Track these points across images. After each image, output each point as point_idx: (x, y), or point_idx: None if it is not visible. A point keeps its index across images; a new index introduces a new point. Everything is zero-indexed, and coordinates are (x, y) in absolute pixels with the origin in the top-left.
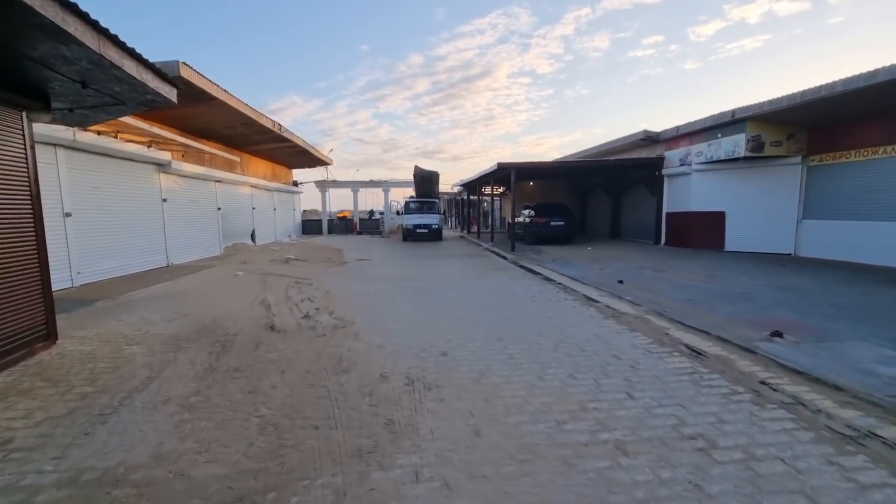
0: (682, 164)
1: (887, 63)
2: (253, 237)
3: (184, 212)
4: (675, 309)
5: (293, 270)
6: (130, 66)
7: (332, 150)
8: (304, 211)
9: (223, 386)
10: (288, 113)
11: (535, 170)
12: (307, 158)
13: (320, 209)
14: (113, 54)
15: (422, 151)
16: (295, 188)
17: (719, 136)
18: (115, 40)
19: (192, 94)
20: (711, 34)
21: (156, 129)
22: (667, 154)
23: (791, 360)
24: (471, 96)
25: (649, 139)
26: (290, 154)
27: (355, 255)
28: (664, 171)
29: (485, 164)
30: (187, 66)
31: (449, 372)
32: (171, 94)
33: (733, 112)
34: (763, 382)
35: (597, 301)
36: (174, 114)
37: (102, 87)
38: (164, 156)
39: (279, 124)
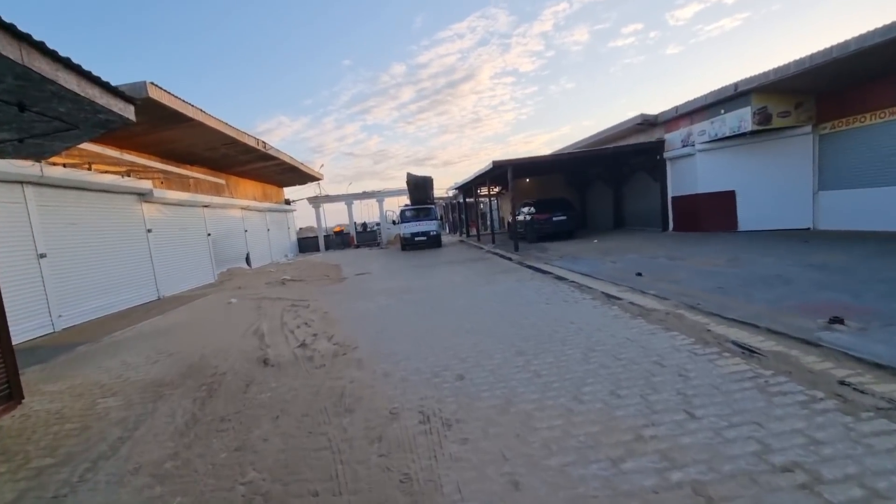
0: (684, 146)
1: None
2: (248, 260)
3: (171, 241)
4: (708, 300)
5: (289, 292)
6: (69, 80)
7: (322, 166)
8: (301, 229)
9: (206, 443)
10: (276, 133)
11: (531, 165)
12: (297, 175)
13: (316, 226)
14: (43, 66)
15: (413, 159)
16: (288, 207)
17: (722, 112)
18: (42, 48)
19: (166, 116)
20: (690, 17)
21: (132, 157)
22: (667, 136)
23: (866, 352)
24: (456, 101)
25: (647, 123)
26: (278, 172)
27: (354, 269)
28: (666, 155)
29: (476, 167)
30: (156, 86)
31: (469, 401)
32: (126, 111)
33: (736, 85)
34: (843, 383)
35: (618, 298)
36: (150, 139)
37: (45, 109)
38: (145, 184)
39: (263, 142)
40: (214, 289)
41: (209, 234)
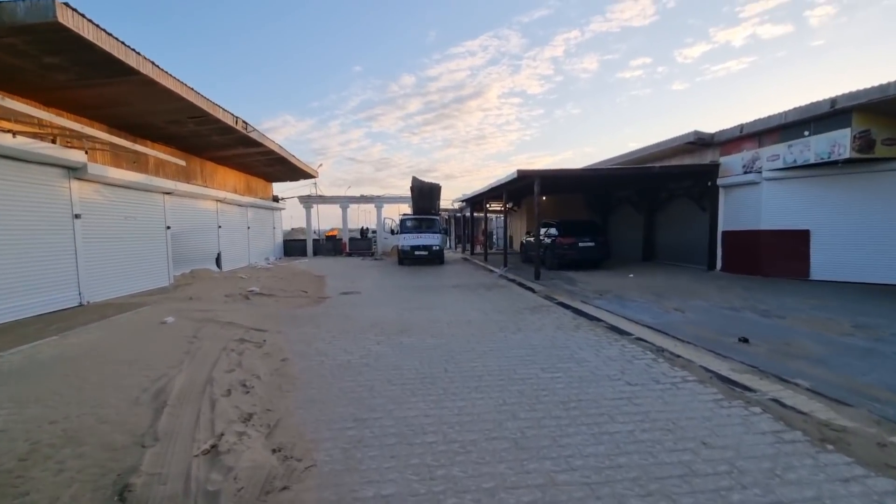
0: (746, 172)
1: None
2: (218, 262)
3: (110, 232)
4: None
5: (248, 314)
6: None
7: (321, 165)
8: (292, 229)
9: None
10: (281, 131)
11: (561, 179)
12: (287, 169)
13: (306, 228)
14: None
15: (414, 170)
16: (275, 204)
17: (806, 133)
18: None
19: (99, 63)
20: (697, 56)
21: (61, 121)
22: (723, 160)
23: None
24: (462, 116)
25: (700, 142)
26: (266, 164)
27: (341, 284)
28: (720, 181)
29: (479, 183)
30: (72, 8)
31: None
32: None
33: (833, 101)
34: None
35: (748, 389)
36: (85, 96)
37: None
38: (75, 156)
39: (244, 122)
40: (162, 296)
41: (168, 227)
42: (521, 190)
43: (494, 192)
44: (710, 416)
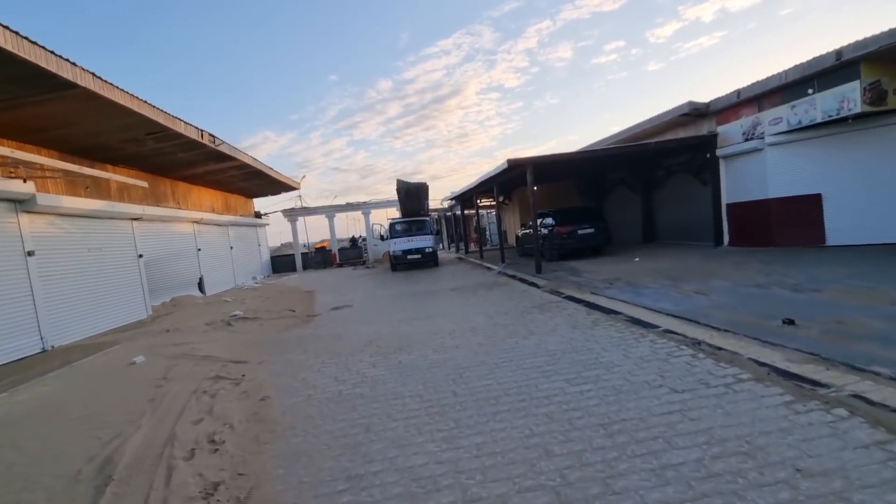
0: (747, 139)
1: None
2: (201, 286)
3: (72, 266)
4: None
5: (228, 343)
6: None
7: (304, 177)
8: (282, 245)
9: None
10: (262, 148)
11: (556, 164)
12: (267, 183)
13: (294, 242)
14: None
15: (400, 174)
16: (258, 220)
17: (810, 91)
18: None
19: (30, 77)
20: (670, 35)
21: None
22: (721, 130)
23: None
24: (443, 116)
25: (695, 113)
26: (243, 179)
27: (331, 298)
28: (720, 152)
29: (464, 181)
30: None
31: None
32: None
33: (838, 52)
34: None
35: (820, 384)
36: (21, 118)
37: None
38: (19, 186)
39: (211, 135)
40: (137, 331)
41: (140, 256)
42: (511, 182)
43: (485, 187)
44: (788, 428)
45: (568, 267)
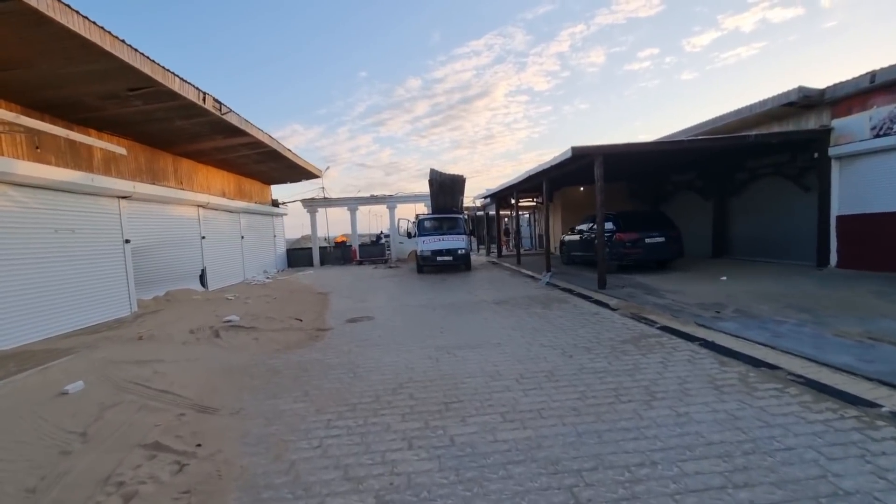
0: (878, 135)
1: None
2: (203, 279)
3: (28, 250)
4: None
5: (205, 368)
6: None
7: (328, 168)
8: (301, 237)
9: None
10: (290, 141)
11: (632, 156)
12: (285, 167)
13: (312, 235)
14: None
15: (423, 173)
16: (275, 209)
17: None
18: None
19: None
20: (707, 44)
21: None
22: (836, 124)
23: None
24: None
25: (803, 102)
26: (257, 161)
27: (348, 304)
28: (833, 151)
29: (488, 183)
30: None
31: None
32: None
33: None
34: None
35: None
36: None
37: None
38: None
39: (217, 101)
40: (107, 334)
41: (127, 241)
42: (560, 179)
43: (532, 182)
44: None
45: (634, 282)
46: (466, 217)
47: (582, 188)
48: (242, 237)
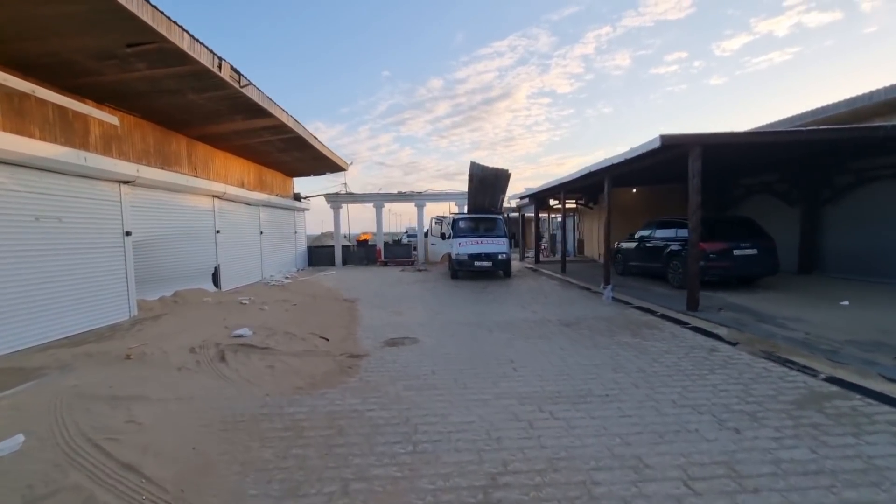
0: None
1: None
2: (216, 279)
3: (4, 242)
4: None
5: (196, 419)
6: None
7: (352, 162)
8: (322, 234)
9: None
10: None
11: (738, 147)
12: (310, 158)
13: (335, 232)
14: None
15: (443, 173)
16: (297, 203)
17: None
18: None
19: None
20: (737, 48)
21: None
22: None
23: None
24: (491, 118)
25: None
26: (280, 149)
27: (382, 317)
28: None
29: (508, 186)
30: None
31: None
32: None
33: None
34: None
35: None
36: None
37: None
38: None
39: (235, 70)
40: (90, 348)
41: (128, 234)
42: (616, 178)
43: (587, 180)
44: None
45: (727, 303)
46: (505, 217)
47: (634, 190)
48: (262, 232)
